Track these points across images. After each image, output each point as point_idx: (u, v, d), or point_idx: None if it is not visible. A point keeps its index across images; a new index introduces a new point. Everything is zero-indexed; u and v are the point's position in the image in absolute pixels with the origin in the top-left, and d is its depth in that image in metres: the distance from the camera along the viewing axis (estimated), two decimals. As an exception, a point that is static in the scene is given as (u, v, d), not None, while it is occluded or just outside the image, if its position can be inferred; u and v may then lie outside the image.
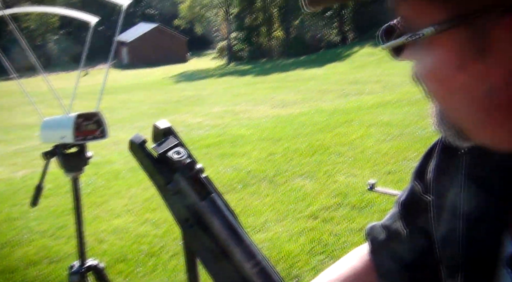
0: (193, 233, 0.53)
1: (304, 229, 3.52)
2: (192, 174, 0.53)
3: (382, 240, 0.74)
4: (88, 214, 4.23)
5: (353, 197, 4.01)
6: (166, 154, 0.53)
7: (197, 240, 0.53)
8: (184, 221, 0.53)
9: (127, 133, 9.35)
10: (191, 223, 0.53)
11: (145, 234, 3.76)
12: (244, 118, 9.74)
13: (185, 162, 0.53)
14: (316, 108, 9.10)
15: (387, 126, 6.29)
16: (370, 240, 0.76)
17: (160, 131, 0.55)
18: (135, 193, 4.77)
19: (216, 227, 0.52)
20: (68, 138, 1.61)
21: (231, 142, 6.69)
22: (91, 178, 5.36)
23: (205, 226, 0.53)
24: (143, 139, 0.54)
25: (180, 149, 0.54)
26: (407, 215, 0.71)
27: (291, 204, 4.04)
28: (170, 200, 0.54)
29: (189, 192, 0.53)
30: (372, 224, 0.77)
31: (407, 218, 0.71)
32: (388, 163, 4.82)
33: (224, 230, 0.52)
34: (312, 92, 12.25)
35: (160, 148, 0.53)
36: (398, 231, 0.71)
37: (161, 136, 0.55)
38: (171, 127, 0.56)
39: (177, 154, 0.53)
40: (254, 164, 5.31)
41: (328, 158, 5.25)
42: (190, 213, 0.53)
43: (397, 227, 0.72)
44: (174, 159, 0.52)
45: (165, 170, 0.53)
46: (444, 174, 0.62)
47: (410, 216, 0.70)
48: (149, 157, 0.53)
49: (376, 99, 8.82)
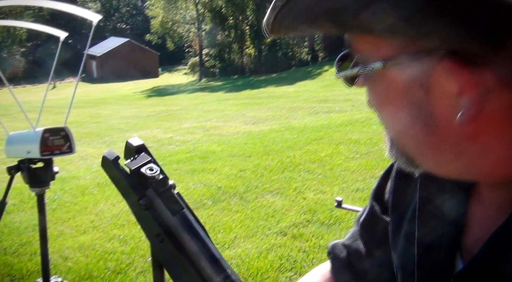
0: (164, 247, 0.54)
1: (274, 246, 3.53)
2: (165, 189, 0.54)
3: (343, 258, 0.75)
4: (53, 230, 4.13)
5: (322, 213, 4.04)
6: (140, 169, 0.54)
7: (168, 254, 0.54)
8: (155, 236, 0.54)
9: (95, 148, 9.20)
10: (162, 238, 0.54)
11: (112, 250, 3.69)
12: (215, 134, 9.73)
13: (158, 177, 0.54)
14: (287, 126, 9.18)
15: (356, 144, 6.39)
16: (332, 259, 0.78)
17: (133, 148, 0.56)
18: (103, 209, 4.68)
19: (187, 241, 0.53)
20: (34, 153, 1.58)
21: (202, 158, 6.66)
22: (57, 194, 5.24)
23: (176, 241, 0.53)
24: (116, 156, 0.55)
25: (153, 165, 0.55)
26: (367, 235, 0.73)
27: (261, 221, 4.05)
28: (142, 215, 0.54)
29: (161, 207, 0.54)
30: (334, 242, 0.79)
31: (366, 237, 0.73)
32: (356, 180, 4.89)
33: (194, 245, 0.53)
34: (283, 110, 12.35)
35: (133, 164, 0.55)
36: (358, 250, 0.73)
37: (133, 153, 0.56)
38: (143, 145, 0.57)
39: (150, 170, 0.54)
40: (224, 180, 5.30)
41: (298, 174, 5.29)
42: (162, 228, 0.54)
43: (357, 246, 0.73)
44: (147, 175, 0.53)
45: (137, 185, 0.54)
46: (400, 197, 0.64)
47: (370, 236, 0.72)
48: (122, 172, 0.54)
49: (345, 118, 8.96)
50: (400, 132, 0.48)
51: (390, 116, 0.47)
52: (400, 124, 0.46)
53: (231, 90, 24.16)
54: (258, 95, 18.66)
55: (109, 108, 18.79)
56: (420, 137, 0.45)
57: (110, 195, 5.09)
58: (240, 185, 5.07)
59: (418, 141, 0.46)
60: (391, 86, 0.45)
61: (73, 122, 13.07)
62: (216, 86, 29.20)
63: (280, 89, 20.85)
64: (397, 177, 0.65)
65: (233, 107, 14.44)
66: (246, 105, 14.87)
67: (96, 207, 4.79)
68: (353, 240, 0.74)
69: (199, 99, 20.36)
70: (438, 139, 0.44)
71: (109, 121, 14.23)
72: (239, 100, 17.24)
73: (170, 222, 0.53)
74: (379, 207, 0.70)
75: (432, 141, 0.45)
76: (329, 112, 10.89)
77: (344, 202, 4.08)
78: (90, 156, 8.24)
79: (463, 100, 0.41)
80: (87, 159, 8.03)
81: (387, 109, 0.47)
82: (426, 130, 0.44)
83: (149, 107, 18.35)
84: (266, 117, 11.28)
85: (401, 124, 0.46)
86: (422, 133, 0.45)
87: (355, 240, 0.74)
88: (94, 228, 4.20)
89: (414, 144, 0.47)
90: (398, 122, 0.47)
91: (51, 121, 6.93)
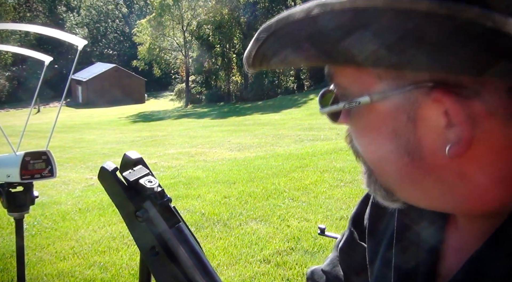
0: (159, 261, 0.53)
1: (257, 274, 3.49)
2: (163, 202, 0.54)
3: None
4: (32, 257, 4.03)
5: (306, 241, 4.02)
6: (139, 181, 0.54)
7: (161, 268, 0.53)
8: (149, 249, 0.54)
9: (78, 173, 9.09)
10: (157, 251, 0.53)
11: (92, 278, 3.61)
12: (200, 160, 9.70)
13: (157, 189, 0.54)
14: (272, 153, 9.20)
15: (340, 173, 6.42)
16: None
17: (130, 161, 0.57)
18: (83, 235, 4.60)
19: (182, 255, 0.53)
20: (14, 177, 1.56)
21: (186, 184, 6.62)
22: (37, 219, 5.14)
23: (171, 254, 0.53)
24: (115, 167, 0.55)
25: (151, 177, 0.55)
26: (345, 262, 0.73)
27: (244, 248, 4.01)
28: (137, 227, 0.54)
29: (159, 220, 0.53)
30: (312, 268, 0.79)
31: (344, 264, 0.73)
32: (340, 208, 4.89)
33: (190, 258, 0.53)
34: (268, 137, 12.40)
35: (132, 175, 0.55)
36: (337, 277, 0.73)
37: (131, 166, 0.56)
38: (141, 158, 0.57)
39: (149, 182, 0.54)
40: (208, 207, 5.26)
41: (282, 202, 5.28)
42: (157, 240, 0.53)
43: (336, 273, 0.73)
44: (146, 186, 0.54)
45: (135, 197, 0.54)
46: (378, 222, 0.64)
47: (348, 263, 0.72)
48: (120, 184, 0.54)
49: (330, 146, 9.02)
50: (383, 165, 0.47)
51: (374, 149, 0.47)
52: (384, 157, 0.46)
53: (217, 117, 24.24)
54: (244, 122, 18.74)
55: (93, 133, 18.67)
56: (404, 170, 0.45)
57: (91, 221, 5.01)
58: (224, 211, 5.04)
59: (401, 174, 0.45)
60: (377, 119, 0.45)
61: (57, 147, 12.93)
62: (202, 112, 29.28)
63: (266, 116, 20.98)
64: (374, 203, 0.65)
65: (219, 134, 14.46)
66: (231, 132, 14.90)
67: (77, 233, 4.70)
68: (332, 266, 0.74)
69: (185, 125, 20.36)
70: (423, 172, 0.44)
71: (93, 146, 14.12)
72: (225, 127, 17.29)
73: (166, 234, 0.53)
74: (358, 233, 0.70)
75: (416, 173, 0.44)
76: (314, 140, 10.96)
77: (328, 230, 4.06)
78: (73, 181, 8.13)
79: (452, 133, 0.40)
80: (69, 184, 7.92)
81: (370, 142, 0.47)
82: (411, 163, 0.44)
83: (134, 132, 18.29)
84: (251, 144, 11.31)
85: (385, 157, 0.46)
86: (407, 166, 0.44)
87: (335, 266, 0.74)
88: (74, 255, 4.11)
89: (397, 177, 0.46)
90: (382, 155, 0.46)
91: (34, 146, 6.85)
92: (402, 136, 0.43)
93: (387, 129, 0.44)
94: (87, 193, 6.64)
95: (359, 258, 0.67)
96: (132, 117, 29.21)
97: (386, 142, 0.45)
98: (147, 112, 33.44)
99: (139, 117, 29.00)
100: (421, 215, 0.55)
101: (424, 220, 0.55)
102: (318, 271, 0.77)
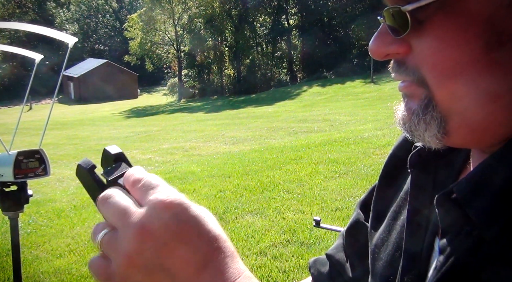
0: None
1: (254, 266, 3.50)
2: None
3: (324, 273, 0.75)
4: (28, 255, 4.03)
5: (301, 233, 4.04)
6: (117, 180, 0.49)
7: None
8: None
9: (72, 170, 9.04)
10: None
11: (88, 275, 3.61)
12: (194, 154, 9.70)
13: None
14: (266, 146, 9.21)
15: (335, 164, 6.44)
16: (313, 273, 0.78)
17: (110, 157, 0.51)
18: (79, 232, 4.59)
19: None
20: (8, 176, 1.55)
21: (181, 179, 6.62)
22: (32, 217, 5.13)
23: None
24: (92, 165, 0.51)
25: None
26: (349, 244, 0.73)
27: (241, 241, 4.02)
28: None
29: None
30: (315, 257, 0.79)
31: (348, 247, 0.73)
32: (335, 200, 4.91)
33: None
34: (262, 130, 12.40)
35: (110, 173, 0.50)
36: (340, 262, 0.73)
37: (111, 162, 0.51)
38: (122, 153, 0.52)
39: None
40: (204, 201, 5.26)
41: (277, 194, 5.29)
42: None
43: (340, 257, 0.74)
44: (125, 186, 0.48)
45: None
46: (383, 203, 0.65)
47: (352, 244, 0.73)
48: (98, 183, 0.50)
49: (324, 138, 9.04)
50: (456, 88, 0.45)
51: (448, 70, 0.45)
52: (460, 79, 0.44)
53: (211, 110, 24.21)
54: (238, 115, 18.73)
55: (87, 130, 18.59)
56: (482, 85, 0.44)
57: (87, 218, 5.01)
58: (220, 205, 5.05)
59: (479, 89, 0.44)
60: (460, 19, 0.43)
61: (50, 144, 12.88)
62: (196, 106, 29.24)
63: (260, 109, 20.97)
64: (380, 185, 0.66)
65: (213, 128, 14.44)
66: (225, 125, 14.89)
67: (73, 230, 4.70)
68: (336, 251, 0.75)
69: (179, 119, 20.32)
70: (500, 80, 0.43)
71: (87, 143, 14.07)
72: (219, 120, 17.26)
73: None
74: (365, 216, 0.71)
75: (494, 86, 0.44)
76: (308, 132, 10.97)
77: (324, 222, 4.09)
78: (67, 178, 8.11)
79: None
80: (63, 181, 7.91)
81: (446, 50, 0.44)
82: (490, 88, 0.43)
83: (127, 128, 18.24)
84: (245, 138, 11.31)
85: (461, 79, 0.44)
86: (484, 90, 0.44)
87: (338, 252, 0.75)
88: (70, 252, 4.11)
89: (471, 101, 0.45)
90: (457, 76, 0.44)
91: (27, 144, 6.82)
92: (495, 25, 0.43)
93: (479, 19, 0.43)
94: (81, 189, 6.62)
95: (363, 240, 0.68)
96: (126, 113, 29.12)
97: (469, 40, 0.43)
98: (140, 108, 33.34)
99: (132, 113, 28.91)
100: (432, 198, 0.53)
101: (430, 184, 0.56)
102: (321, 259, 0.77)
